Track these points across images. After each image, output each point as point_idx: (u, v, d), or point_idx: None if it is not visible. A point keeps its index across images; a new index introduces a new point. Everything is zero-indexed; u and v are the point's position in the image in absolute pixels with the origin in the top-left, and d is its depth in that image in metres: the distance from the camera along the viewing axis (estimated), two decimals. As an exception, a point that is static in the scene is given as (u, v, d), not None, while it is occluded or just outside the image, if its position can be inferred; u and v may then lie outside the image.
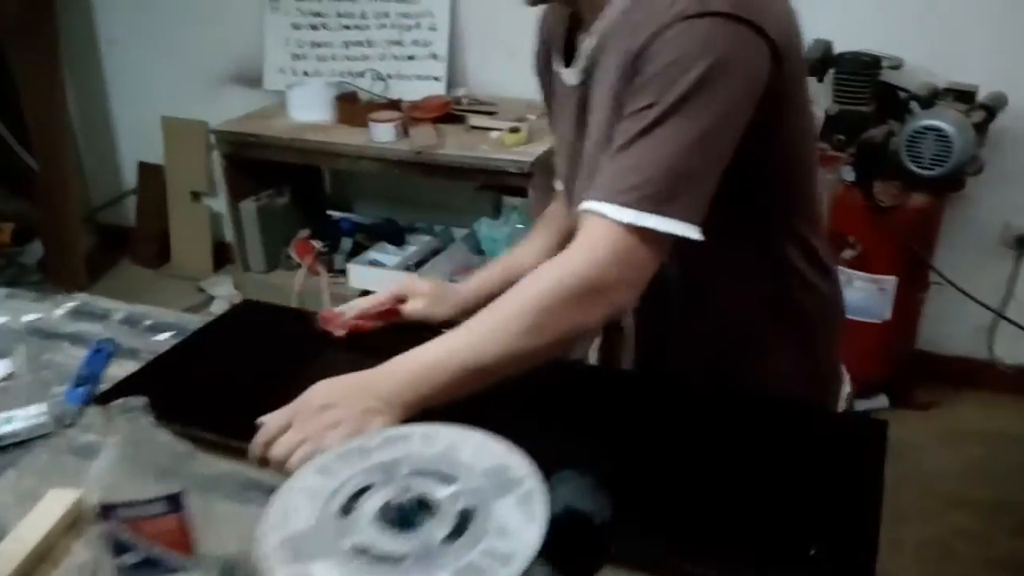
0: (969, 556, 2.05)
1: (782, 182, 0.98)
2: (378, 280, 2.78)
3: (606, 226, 0.84)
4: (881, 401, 2.56)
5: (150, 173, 3.51)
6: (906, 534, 2.09)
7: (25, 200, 3.47)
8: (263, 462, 0.85)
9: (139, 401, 0.71)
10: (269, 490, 0.90)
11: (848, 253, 2.32)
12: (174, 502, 0.74)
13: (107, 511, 0.73)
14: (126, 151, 3.60)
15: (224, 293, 3.23)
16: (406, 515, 0.50)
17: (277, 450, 0.83)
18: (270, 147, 2.69)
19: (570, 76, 1.01)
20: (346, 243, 2.92)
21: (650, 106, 0.83)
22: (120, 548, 0.75)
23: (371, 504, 0.51)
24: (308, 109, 2.72)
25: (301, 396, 0.87)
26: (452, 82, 2.84)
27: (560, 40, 1.04)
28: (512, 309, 0.85)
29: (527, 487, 0.50)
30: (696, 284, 1.02)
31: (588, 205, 0.86)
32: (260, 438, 0.85)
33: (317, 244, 2.90)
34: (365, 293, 2.80)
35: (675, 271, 0.98)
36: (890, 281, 2.36)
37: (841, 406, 1.14)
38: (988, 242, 2.52)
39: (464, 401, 0.83)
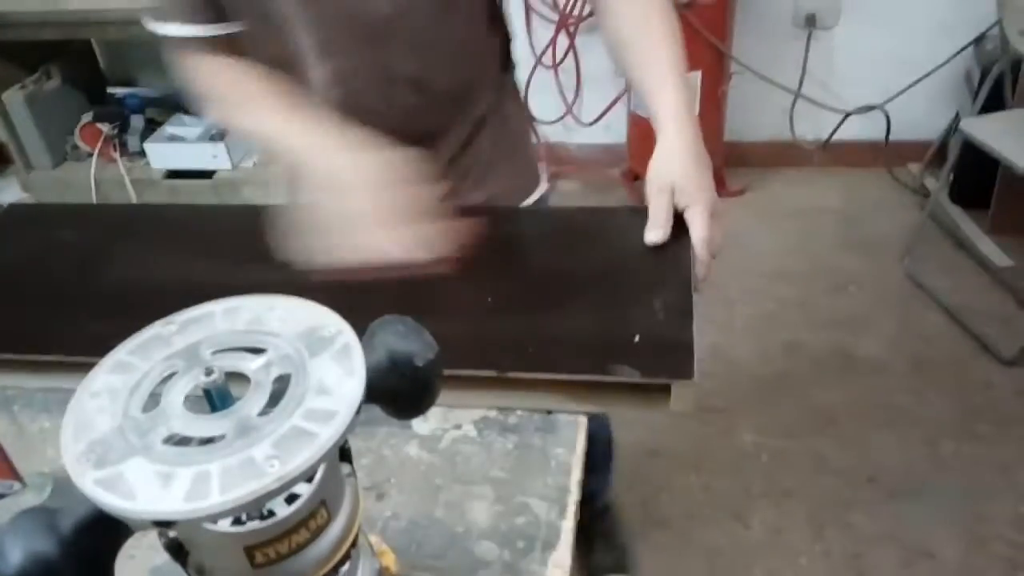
0: (793, 321, 2.26)
1: None
2: (185, 157, 2.58)
3: None
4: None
5: None
6: (736, 312, 2.26)
7: None
8: None
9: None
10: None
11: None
12: (-27, 432, 0.68)
13: None
14: None
15: (12, 198, 2.92)
16: (217, 396, 0.47)
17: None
18: (22, 25, 2.36)
19: None
20: (137, 121, 2.67)
21: None
22: (-71, 489, 0.69)
23: (176, 392, 0.47)
24: (56, -27, 2.39)
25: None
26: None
27: None
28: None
29: (342, 341, 0.48)
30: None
31: None
32: None
33: (104, 127, 2.64)
34: (173, 174, 2.62)
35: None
36: (694, 76, 2.41)
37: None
38: (781, 25, 2.61)
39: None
